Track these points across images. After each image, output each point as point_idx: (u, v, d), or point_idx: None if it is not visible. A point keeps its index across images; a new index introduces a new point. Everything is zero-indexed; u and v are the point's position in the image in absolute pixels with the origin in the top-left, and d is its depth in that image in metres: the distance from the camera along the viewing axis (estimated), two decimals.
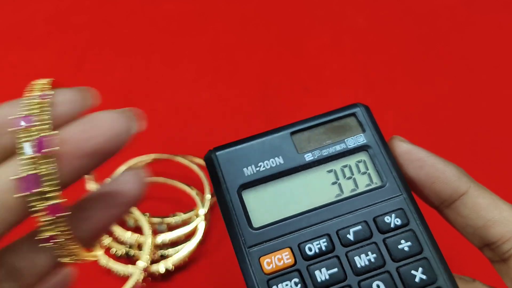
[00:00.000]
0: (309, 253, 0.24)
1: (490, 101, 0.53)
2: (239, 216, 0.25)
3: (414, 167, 0.25)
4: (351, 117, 0.27)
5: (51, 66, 0.58)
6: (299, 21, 0.61)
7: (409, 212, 0.24)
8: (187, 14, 0.62)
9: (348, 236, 0.24)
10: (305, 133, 0.27)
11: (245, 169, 0.26)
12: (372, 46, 0.58)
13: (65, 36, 0.61)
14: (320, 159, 0.26)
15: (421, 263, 0.23)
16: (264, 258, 0.24)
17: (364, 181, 0.26)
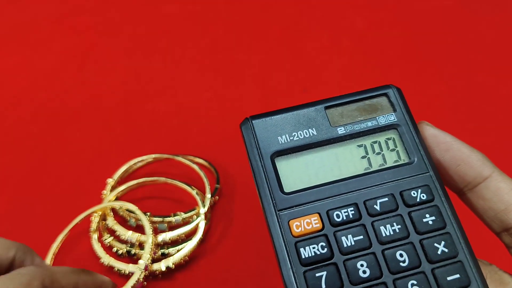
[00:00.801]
0: (337, 219, 0.25)
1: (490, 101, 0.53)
2: (271, 180, 0.26)
3: (440, 149, 0.26)
4: (383, 96, 0.28)
5: (54, 67, 0.59)
6: (298, 22, 0.61)
7: (434, 189, 0.25)
8: (188, 15, 0.63)
9: (375, 206, 0.25)
10: (338, 109, 0.28)
11: (279, 137, 0.27)
12: (371, 47, 0.58)
13: (68, 37, 0.61)
14: (351, 134, 0.27)
15: (443, 237, 0.24)
16: (294, 222, 0.25)
17: (393, 158, 0.27)
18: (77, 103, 0.56)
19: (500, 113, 0.52)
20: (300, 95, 0.55)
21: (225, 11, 0.63)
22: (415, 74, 0.56)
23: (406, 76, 0.56)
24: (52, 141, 0.53)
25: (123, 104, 0.55)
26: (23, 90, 0.57)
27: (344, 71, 0.56)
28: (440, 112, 0.53)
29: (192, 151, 0.50)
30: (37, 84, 0.57)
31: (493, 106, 0.53)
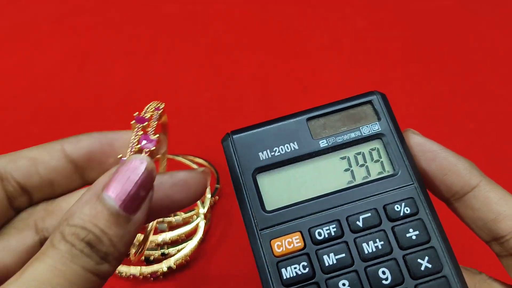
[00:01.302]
0: (319, 237, 0.24)
1: (489, 101, 0.52)
2: (253, 199, 0.25)
3: (426, 158, 0.26)
4: (367, 104, 0.27)
5: (54, 66, 0.58)
6: (298, 22, 0.60)
7: (419, 202, 0.25)
8: (188, 15, 0.62)
9: (357, 222, 0.25)
10: (321, 119, 0.27)
11: (260, 153, 0.26)
12: (371, 47, 0.57)
13: (68, 37, 0.61)
14: (334, 146, 0.26)
15: (427, 252, 0.24)
16: (275, 241, 0.25)
17: (377, 169, 0.26)
18: (77, 103, 0.56)
19: (500, 113, 0.51)
20: (300, 95, 0.54)
21: (225, 11, 0.63)
22: (415, 74, 0.55)
23: (406, 76, 0.55)
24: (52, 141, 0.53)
25: (123, 104, 0.55)
26: (23, 90, 0.57)
27: (344, 71, 0.56)
28: (441, 112, 0.52)
29: (192, 151, 0.50)
30: (37, 84, 0.58)
31: (493, 106, 0.52)
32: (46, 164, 0.24)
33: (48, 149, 0.24)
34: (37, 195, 0.24)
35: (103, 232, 0.20)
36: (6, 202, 0.23)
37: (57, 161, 0.24)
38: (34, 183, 0.24)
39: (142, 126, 0.26)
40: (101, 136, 0.25)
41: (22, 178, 0.23)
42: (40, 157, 0.24)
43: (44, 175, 0.24)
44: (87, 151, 0.25)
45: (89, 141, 0.25)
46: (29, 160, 0.24)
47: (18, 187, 0.23)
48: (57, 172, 0.24)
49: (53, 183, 0.24)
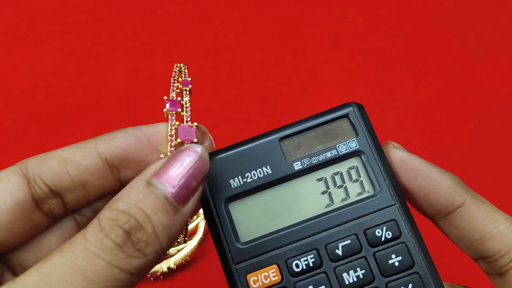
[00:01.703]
0: (296, 269, 0.23)
1: (490, 101, 0.51)
2: (226, 231, 0.24)
3: (408, 176, 0.24)
4: (344, 119, 0.26)
5: (53, 66, 0.58)
6: (298, 21, 0.59)
7: (401, 223, 0.23)
8: (187, 14, 0.61)
9: (336, 251, 0.23)
10: (294, 138, 0.25)
11: (231, 180, 0.25)
12: (371, 46, 0.56)
13: (67, 37, 0.60)
14: (309, 167, 0.25)
15: (411, 279, 0.23)
16: (251, 276, 0.23)
17: (356, 190, 0.25)
18: (77, 103, 0.55)
19: (501, 113, 0.50)
20: (300, 95, 0.54)
21: (225, 10, 0.62)
22: (416, 73, 0.54)
23: (406, 76, 0.54)
24: (52, 141, 0.52)
25: (123, 103, 0.55)
26: (22, 89, 0.57)
27: (345, 70, 0.55)
28: (441, 112, 0.51)
29: None
30: (36, 84, 0.57)
31: (494, 106, 0.51)
32: (77, 164, 0.22)
33: (81, 148, 0.22)
34: (68, 198, 0.22)
35: (147, 217, 0.18)
36: (32, 205, 0.22)
37: (89, 160, 0.22)
38: (65, 185, 0.22)
39: (177, 112, 0.23)
40: (136, 131, 0.23)
41: (51, 179, 0.22)
42: (71, 156, 0.22)
43: (74, 176, 0.22)
44: (122, 150, 0.23)
45: (124, 139, 0.23)
46: (60, 160, 0.22)
47: (48, 189, 0.22)
48: (90, 172, 0.22)
49: (85, 185, 0.22)
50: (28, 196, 0.22)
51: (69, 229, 0.24)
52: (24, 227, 0.22)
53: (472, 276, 0.28)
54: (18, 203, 0.21)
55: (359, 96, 0.53)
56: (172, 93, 0.24)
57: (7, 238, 0.22)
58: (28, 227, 0.22)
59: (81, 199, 0.23)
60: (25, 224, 0.22)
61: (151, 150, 0.23)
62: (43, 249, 0.23)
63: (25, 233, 0.22)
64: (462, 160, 0.47)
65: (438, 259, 0.24)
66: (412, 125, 0.50)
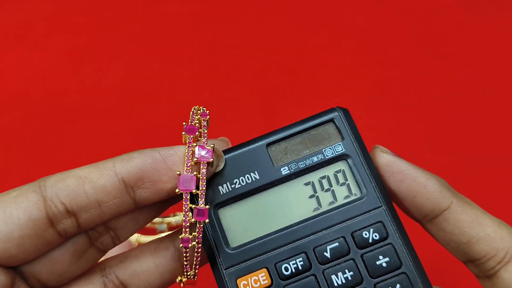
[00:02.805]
0: (286, 273, 0.23)
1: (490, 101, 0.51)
2: (216, 236, 0.24)
3: (395, 180, 0.24)
4: (330, 123, 0.26)
5: (50, 66, 0.57)
6: (298, 21, 0.59)
7: (388, 225, 0.24)
8: (187, 14, 0.61)
9: (325, 253, 0.24)
10: (281, 144, 0.26)
11: (220, 187, 0.25)
12: (371, 46, 0.56)
13: (64, 37, 0.60)
14: (296, 172, 0.25)
15: (399, 279, 0.23)
16: (241, 280, 0.24)
17: (343, 193, 0.25)
18: (75, 103, 0.55)
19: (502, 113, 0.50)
20: (300, 95, 0.53)
21: (224, 9, 0.61)
22: (417, 73, 0.54)
23: (407, 75, 0.54)
24: (49, 141, 0.52)
25: (121, 103, 0.54)
26: (20, 89, 0.56)
27: (345, 70, 0.55)
28: (442, 112, 0.51)
29: None
30: (34, 84, 0.57)
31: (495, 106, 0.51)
32: (94, 183, 0.22)
33: (99, 167, 0.23)
34: (83, 217, 0.22)
35: None
36: (45, 223, 0.22)
37: (106, 180, 0.22)
38: (81, 204, 0.22)
39: (194, 137, 0.24)
40: (153, 152, 0.23)
41: (68, 198, 0.22)
42: (89, 175, 0.22)
43: (91, 195, 0.22)
44: (139, 169, 0.23)
45: (141, 159, 0.23)
46: (78, 179, 0.22)
47: (63, 208, 0.22)
48: (106, 191, 0.22)
49: (101, 204, 0.22)
50: (42, 214, 0.22)
51: (81, 244, 0.24)
52: (36, 244, 0.22)
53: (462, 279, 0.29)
54: (31, 220, 0.21)
55: (359, 96, 0.53)
56: (191, 122, 0.26)
57: (17, 254, 0.22)
58: (40, 244, 0.22)
59: (95, 218, 0.23)
60: (37, 241, 0.22)
61: (166, 170, 0.23)
62: (56, 264, 0.23)
63: (35, 250, 0.22)
64: (462, 160, 0.47)
65: (428, 262, 0.24)
66: (412, 125, 0.50)
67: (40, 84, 0.57)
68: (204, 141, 0.24)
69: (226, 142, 0.27)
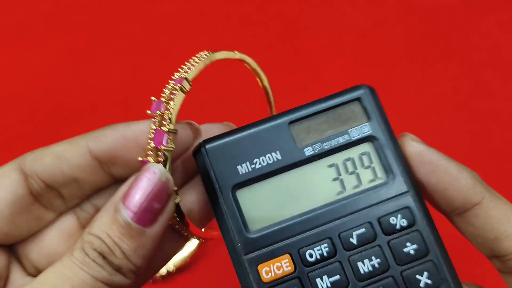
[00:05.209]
0: (310, 259, 0.22)
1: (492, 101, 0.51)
2: (234, 219, 0.23)
3: (425, 171, 0.23)
4: (355, 102, 0.25)
5: (49, 65, 0.57)
6: (299, 20, 0.58)
7: (415, 211, 0.23)
8: (187, 13, 0.59)
9: (351, 239, 0.22)
10: (304, 123, 0.24)
11: (239, 166, 0.23)
12: (372, 46, 0.56)
13: (63, 36, 0.59)
14: (321, 153, 0.24)
15: (426, 267, 0.22)
16: (263, 266, 0.22)
17: (368, 176, 0.24)
18: (73, 102, 0.54)
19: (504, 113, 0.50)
20: (300, 95, 0.53)
21: (224, 8, 0.60)
22: (418, 73, 0.53)
23: (408, 75, 0.53)
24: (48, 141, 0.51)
25: (120, 103, 0.53)
26: (18, 89, 0.56)
27: (346, 69, 0.54)
28: (443, 111, 0.51)
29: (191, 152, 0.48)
30: (32, 83, 0.56)
31: (497, 105, 0.51)
32: (68, 161, 0.23)
33: (73, 144, 0.23)
34: (64, 192, 0.23)
35: (116, 245, 0.20)
36: (30, 199, 0.23)
37: (79, 158, 0.23)
38: (59, 181, 0.23)
39: (161, 115, 0.23)
40: (125, 129, 0.23)
41: (46, 175, 0.23)
42: (64, 154, 0.23)
43: (67, 172, 0.23)
44: (110, 148, 0.23)
45: (113, 137, 0.23)
46: (54, 157, 0.23)
47: (44, 184, 0.23)
48: (81, 169, 0.23)
49: (78, 180, 0.23)
50: (26, 191, 0.23)
51: (70, 224, 0.25)
52: (26, 219, 0.23)
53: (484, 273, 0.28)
54: (17, 197, 0.23)
55: None
56: (164, 92, 0.24)
57: (10, 231, 0.23)
58: (30, 219, 0.23)
59: (77, 193, 0.24)
60: (26, 217, 0.23)
61: (137, 149, 0.23)
62: (45, 242, 0.24)
63: (27, 226, 0.23)
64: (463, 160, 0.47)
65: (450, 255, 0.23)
66: (413, 125, 0.50)
67: (38, 84, 0.56)
68: (167, 121, 0.23)
69: (230, 127, 0.26)
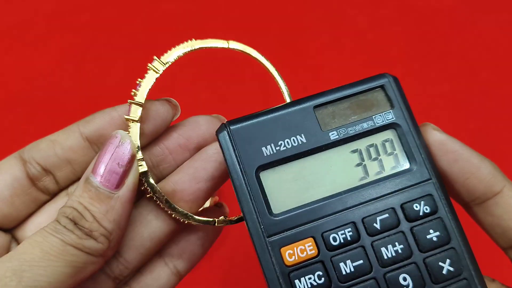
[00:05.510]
0: (334, 243, 0.22)
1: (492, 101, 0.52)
2: (258, 201, 0.22)
3: (447, 159, 0.23)
4: (379, 89, 0.25)
5: (51, 65, 0.56)
6: (299, 21, 0.58)
7: (438, 199, 0.23)
8: (187, 13, 0.59)
9: (374, 225, 0.22)
10: (329, 108, 0.24)
11: (264, 148, 0.23)
12: (372, 46, 0.56)
13: (66, 36, 0.59)
14: (345, 138, 0.23)
15: (448, 254, 0.22)
16: (286, 249, 0.22)
17: (391, 163, 0.24)
18: (75, 102, 0.54)
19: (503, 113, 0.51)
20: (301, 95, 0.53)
21: (224, 9, 0.60)
22: (418, 73, 0.54)
23: (408, 75, 0.54)
24: None
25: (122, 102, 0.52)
26: (21, 88, 0.55)
27: (346, 70, 0.54)
28: (443, 111, 0.51)
29: None
30: (35, 83, 0.55)
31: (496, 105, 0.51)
32: (62, 144, 0.25)
33: (66, 130, 0.25)
34: (59, 175, 0.25)
35: (86, 209, 0.21)
36: (28, 182, 0.25)
37: (72, 141, 0.25)
38: (53, 163, 0.25)
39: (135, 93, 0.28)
40: (112, 111, 0.26)
41: (42, 159, 0.25)
42: (57, 139, 0.25)
43: (61, 154, 0.25)
44: (99, 128, 0.25)
45: (101, 118, 0.25)
46: (48, 142, 0.25)
47: (40, 167, 0.25)
48: (73, 150, 0.25)
49: (71, 162, 0.25)
50: (24, 174, 0.25)
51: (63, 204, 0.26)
52: (24, 201, 0.25)
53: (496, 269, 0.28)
54: (16, 180, 0.24)
55: None
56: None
57: (10, 212, 0.25)
58: (28, 201, 0.25)
59: (69, 175, 0.26)
60: (25, 198, 0.25)
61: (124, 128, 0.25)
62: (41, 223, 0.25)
63: (26, 208, 0.25)
64: None
65: None
66: None
67: (41, 83, 0.56)
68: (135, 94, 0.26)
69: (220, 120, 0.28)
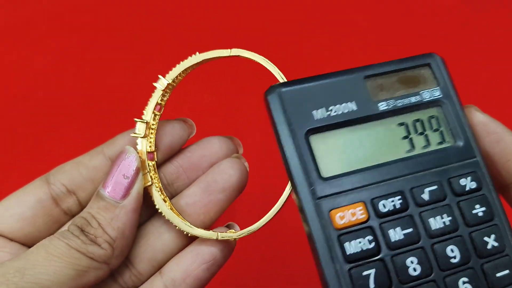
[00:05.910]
0: (383, 210, 0.22)
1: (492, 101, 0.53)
2: (307, 163, 0.22)
3: (490, 140, 0.24)
4: (426, 67, 0.25)
5: (51, 66, 0.56)
6: (299, 20, 0.59)
7: (482, 177, 0.23)
8: (187, 14, 0.60)
9: (422, 195, 0.22)
10: (378, 79, 0.24)
11: (314, 112, 0.23)
12: (372, 46, 0.57)
13: (65, 36, 0.59)
14: (394, 110, 0.23)
15: (493, 230, 0.22)
16: (336, 212, 0.21)
17: (436, 139, 0.24)
18: (75, 102, 0.53)
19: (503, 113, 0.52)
20: None
21: (224, 9, 0.60)
22: None
23: None
24: (50, 141, 0.52)
25: (122, 103, 0.52)
26: (20, 89, 0.55)
27: None
28: None
29: None
30: (34, 83, 0.55)
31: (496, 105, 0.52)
32: (86, 164, 0.26)
33: (91, 153, 0.26)
34: (83, 195, 0.26)
35: (93, 217, 0.23)
36: (51, 203, 0.25)
37: (95, 161, 0.26)
38: (78, 183, 0.25)
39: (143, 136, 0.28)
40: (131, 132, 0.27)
41: (67, 179, 0.25)
42: (82, 160, 0.26)
43: (85, 174, 0.25)
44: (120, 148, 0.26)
45: (123, 139, 0.26)
46: (73, 164, 0.26)
47: (65, 189, 0.25)
48: (97, 169, 0.25)
49: (94, 181, 0.25)
50: (47, 195, 0.25)
51: None
52: (46, 221, 0.25)
53: None
54: (39, 201, 0.25)
55: None
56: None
57: (31, 231, 0.25)
58: (50, 222, 0.25)
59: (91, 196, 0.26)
60: (47, 219, 0.25)
61: None
62: None
63: (47, 228, 0.26)
64: None
65: None
66: None
67: (40, 84, 0.55)
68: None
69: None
